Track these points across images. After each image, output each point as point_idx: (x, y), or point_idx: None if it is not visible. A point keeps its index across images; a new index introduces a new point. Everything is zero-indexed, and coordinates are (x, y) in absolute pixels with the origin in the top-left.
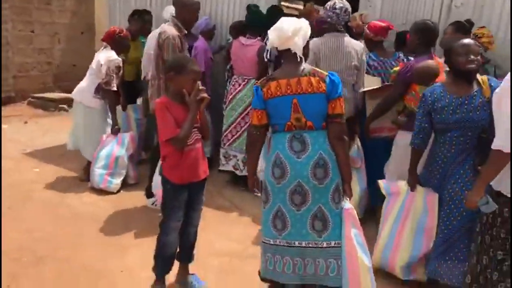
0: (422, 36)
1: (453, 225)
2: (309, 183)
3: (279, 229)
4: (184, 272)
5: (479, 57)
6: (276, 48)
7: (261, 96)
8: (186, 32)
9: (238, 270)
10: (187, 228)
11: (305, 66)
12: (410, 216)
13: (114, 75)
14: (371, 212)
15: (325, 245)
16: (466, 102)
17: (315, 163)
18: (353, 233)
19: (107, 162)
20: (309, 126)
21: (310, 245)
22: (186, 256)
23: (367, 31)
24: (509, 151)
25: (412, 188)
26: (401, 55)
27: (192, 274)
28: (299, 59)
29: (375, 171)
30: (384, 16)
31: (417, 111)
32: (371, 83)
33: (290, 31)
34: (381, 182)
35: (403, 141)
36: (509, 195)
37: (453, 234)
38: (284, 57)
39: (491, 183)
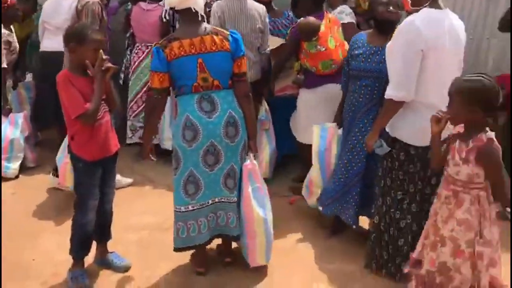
0: None
1: (353, 171)
2: (221, 142)
3: (191, 194)
4: (103, 251)
5: (400, 11)
6: (173, 8)
7: (163, 57)
8: None
9: (159, 243)
10: (103, 206)
11: (206, 25)
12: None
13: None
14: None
15: (235, 199)
16: (378, 52)
17: (226, 122)
18: (251, 189)
19: (1, 146)
20: (216, 86)
21: (223, 200)
22: (104, 235)
23: None
24: (399, 100)
25: (338, 126)
26: (290, 13)
27: (112, 252)
28: (200, 18)
29: (282, 127)
30: None
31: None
32: (275, 43)
33: None
34: (316, 127)
35: (303, 98)
36: (403, 141)
37: (352, 179)
38: (184, 16)
39: (387, 130)
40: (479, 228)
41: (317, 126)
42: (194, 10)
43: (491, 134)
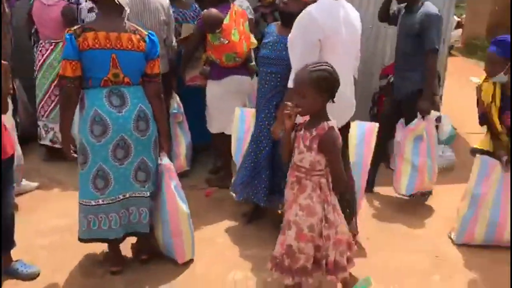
0: None
1: (262, 155)
2: (132, 136)
3: (100, 188)
4: (7, 260)
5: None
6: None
7: (75, 46)
8: None
9: (71, 246)
10: (3, 211)
11: (127, 22)
12: None
13: None
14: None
15: (148, 194)
16: (283, 41)
17: (137, 116)
18: (173, 186)
19: None
20: (127, 82)
21: (134, 195)
22: (7, 243)
23: None
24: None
25: None
26: (197, 6)
27: (17, 261)
28: (122, 14)
29: (195, 117)
30: None
31: None
32: (187, 31)
33: None
34: (237, 109)
35: (210, 89)
36: None
37: (261, 163)
38: (104, 8)
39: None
40: (323, 213)
41: (238, 108)
42: (117, 3)
43: (333, 122)
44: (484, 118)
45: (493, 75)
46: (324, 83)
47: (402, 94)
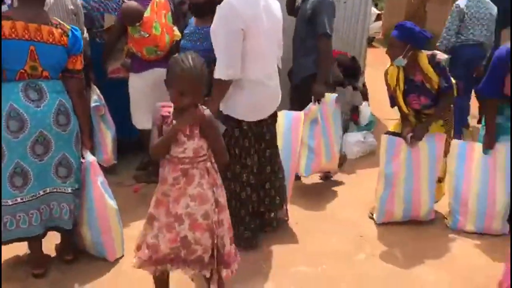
0: None
1: None
2: (52, 131)
3: (18, 186)
4: None
5: None
6: None
7: None
8: None
9: None
10: None
11: (49, 15)
12: None
13: None
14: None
15: (69, 190)
16: (197, 31)
17: (57, 110)
18: (99, 182)
19: None
20: (45, 76)
21: (55, 190)
22: None
23: None
24: (228, 78)
25: None
26: None
27: None
28: (44, 6)
29: (119, 111)
30: None
31: None
32: (110, 22)
33: None
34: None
35: (132, 83)
36: (236, 117)
37: None
38: None
39: (221, 109)
40: (214, 197)
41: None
42: None
43: (202, 107)
44: (393, 101)
45: (394, 58)
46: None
47: (298, 79)
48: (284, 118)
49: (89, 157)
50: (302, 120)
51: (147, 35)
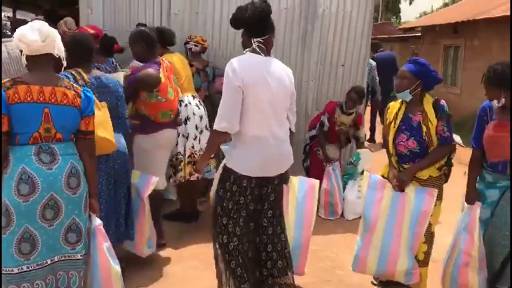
0: (145, 44)
1: None
2: (63, 194)
3: (26, 254)
4: None
5: None
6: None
7: (4, 99)
8: None
9: None
10: None
11: (62, 77)
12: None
13: None
14: None
15: (79, 256)
16: None
17: (68, 173)
18: (105, 247)
19: None
20: (58, 138)
21: (64, 258)
22: None
23: None
24: (221, 129)
25: None
26: (114, 60)
27: None
28: (58, 67)
29: None
30: (107, 22)
31: None
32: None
33: (43, 35)
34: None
35: (140, 144)
36: (236, 170)
37: None
38: (37, 63)
39: (225, 162)
40: None
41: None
42: (56, 56)
43: None
44: (385, 140)
45: (400, 90)
46: None
47: None
48: (298, 184)
49: (96, 221)
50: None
51: (164, 100)
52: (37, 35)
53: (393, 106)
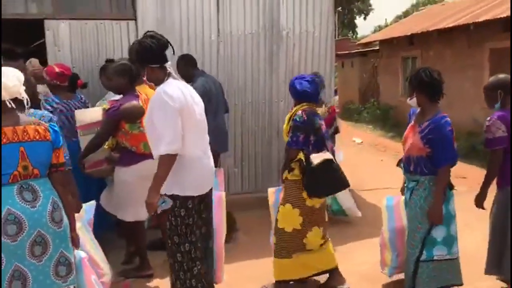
0: (129, 77)
1: None
2: (49, 230)
3: None
4: None
5: None
6: None
7: None
8: None
9: None
10: None
11: (27, 115)
12: None
13: None
14: None
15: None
16: None
17: (51, 208)
18: (93, 279)
19: None
20: (36, 174)
21: None
22: None
23: (45, 75)
24: (174, 152)
25: None
26: (82, 96)
27: None
28: (26, 107)
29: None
30: (75, 58)
31: None
32: (94, 115)
33: (18, 79)
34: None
35: (121, 176)
36: (181, 194)
37: None
38: (6, 105)
39: (165, 191)
40: None
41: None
42: (21, 97)
43: None
44: None
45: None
46: None
47: None
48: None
49: (80, 254)
50: (224, 199)
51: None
52: (16, 80)
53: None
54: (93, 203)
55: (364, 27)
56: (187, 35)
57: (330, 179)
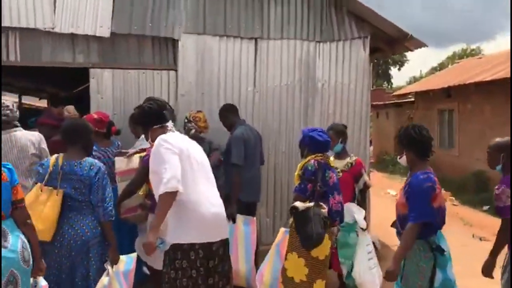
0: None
1: None
2: (19, 269)
3: None
4: None
5: None
6: None
7: None
8: None
9: None
10: None
11: None
12: None
13: None
14: None
15: None
16: None
17: (21, 248)
18: None
19: None
20: (2, 216)
21: None
22: None
23: None
24: (175, 190)
25: None
26: (119, 143)
27: None
28: None
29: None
30: (117, 105)
31: None
32: (123, 164)
33: None
34: None
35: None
36: (185, 242)
37: None
38: None
39: (169, 240)
40: None
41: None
42: None
43: None
44: None
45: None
46: None
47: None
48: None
49: (42, 282)
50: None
51: None
52: None
53: None
54: (134, 255)
55: (398, 77)
56: (224, 86)
57: (303, 229)
